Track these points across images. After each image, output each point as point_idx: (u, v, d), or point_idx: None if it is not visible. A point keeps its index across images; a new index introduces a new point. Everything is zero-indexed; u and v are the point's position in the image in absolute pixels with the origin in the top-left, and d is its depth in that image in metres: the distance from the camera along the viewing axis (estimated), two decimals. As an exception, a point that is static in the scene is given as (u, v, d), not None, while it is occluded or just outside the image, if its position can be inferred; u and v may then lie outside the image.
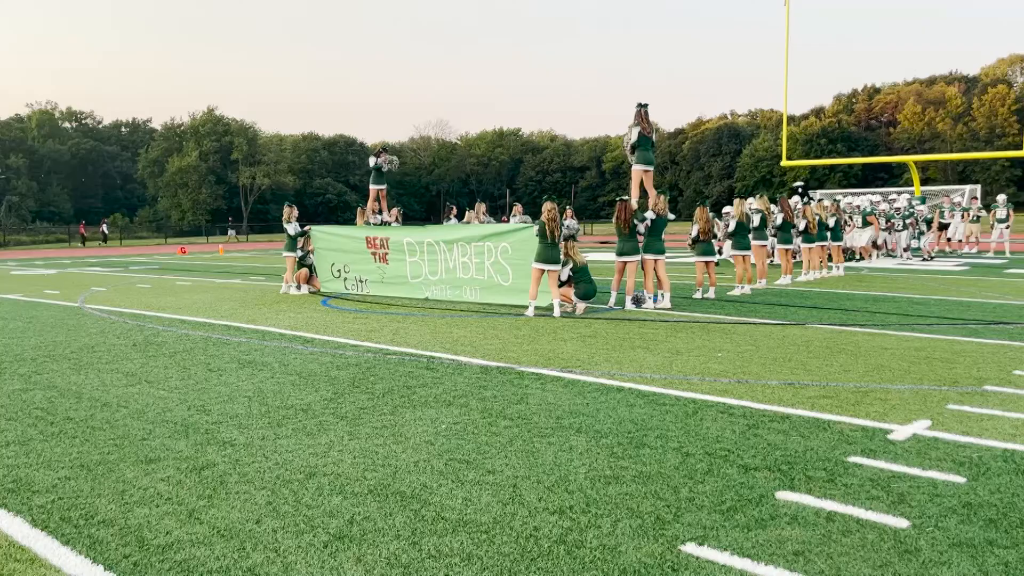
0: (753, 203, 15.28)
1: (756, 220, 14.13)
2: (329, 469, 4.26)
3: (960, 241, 25.13)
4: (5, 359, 7.79)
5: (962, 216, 24.99)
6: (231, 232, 60.41)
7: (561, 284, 11.01)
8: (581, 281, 10.90)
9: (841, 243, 17.38)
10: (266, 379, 6.64)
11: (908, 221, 22.21)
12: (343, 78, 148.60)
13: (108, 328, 9.92)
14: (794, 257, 16.71)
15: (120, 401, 5.92)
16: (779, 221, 15.35)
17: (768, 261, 16.15)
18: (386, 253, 13.56)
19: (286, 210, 14.75)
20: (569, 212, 18.08)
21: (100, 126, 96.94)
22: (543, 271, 10.67)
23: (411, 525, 3.49)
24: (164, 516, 3.63)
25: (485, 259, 12.12)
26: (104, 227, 57.32)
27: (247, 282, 17.62)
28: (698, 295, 12.54)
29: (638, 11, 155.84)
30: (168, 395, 6.10)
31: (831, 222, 16.49)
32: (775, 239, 16.04)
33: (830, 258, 16.88)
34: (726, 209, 17.95)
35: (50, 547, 3.34)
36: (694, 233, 12.76)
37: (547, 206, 10.73)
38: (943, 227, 25.56)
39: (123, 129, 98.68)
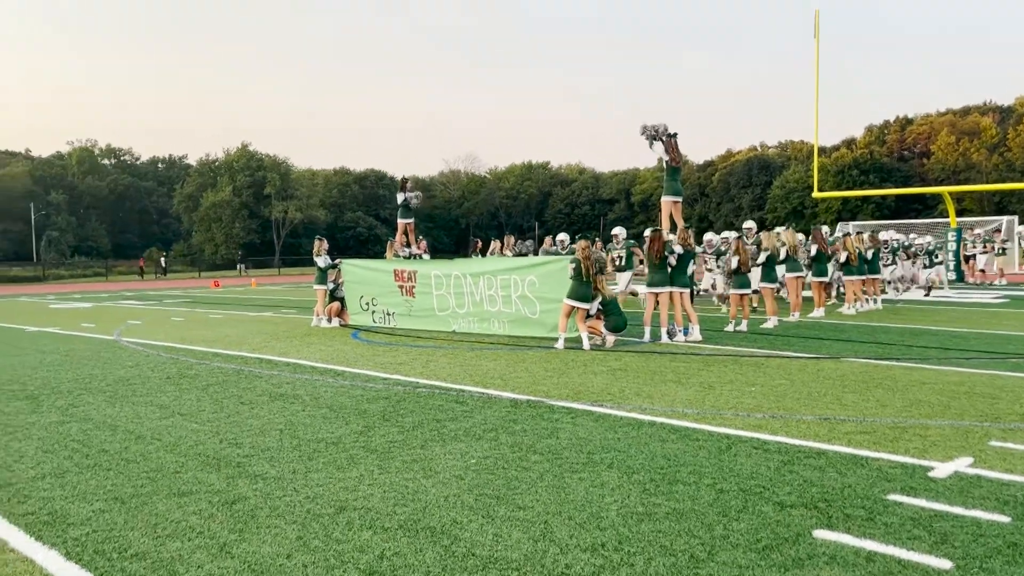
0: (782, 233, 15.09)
1: (783, 253, 13.98)
2: (359, 503, 4.24)
3: (983, 272, 25.15)
4: (43, 392, 7.92)
5: (983, 248, 24.88)
6: (240, 266, 61.79)
7: (589, 317, 10.97)
8: (611, 314, 10.85)
9: (879, 275, 17.12)
10: (297, 412, 6.67)
11: (899, 255, 21.63)
12: (374, 112, 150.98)
13: (143, 361, 10.05)
14: (826, 289, 16.44)
15: (154, 434, 5.97)
16: (813, 252, 15.20)
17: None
18: (413, 286, 13.62)
19: (316, 243, 14.92)
20: (599, 244, 18.09)
21: (138, 162, 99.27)
22: (573, 308, 10.65)
23: (441, 562, 3.46)
24: (196, 550, 3.64)
25: (512, 292, 12.13)
26: (163, 260, 60.35)
27: (279, 315, 17.79)
28: (730, 328, 12.41)
29: (666, 43, 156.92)
30: (201, 428, 6.14)
31: (869, 255, 16.28)
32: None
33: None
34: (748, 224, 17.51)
35: (84, 580, 3.36)
36: (734, 265, 12.65)
37: (582, 244, 10.74)
38: (967, 259, 25.70)
39: (159, 165, 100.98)
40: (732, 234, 15.83)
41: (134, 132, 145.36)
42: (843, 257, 15.50)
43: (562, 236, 17.34)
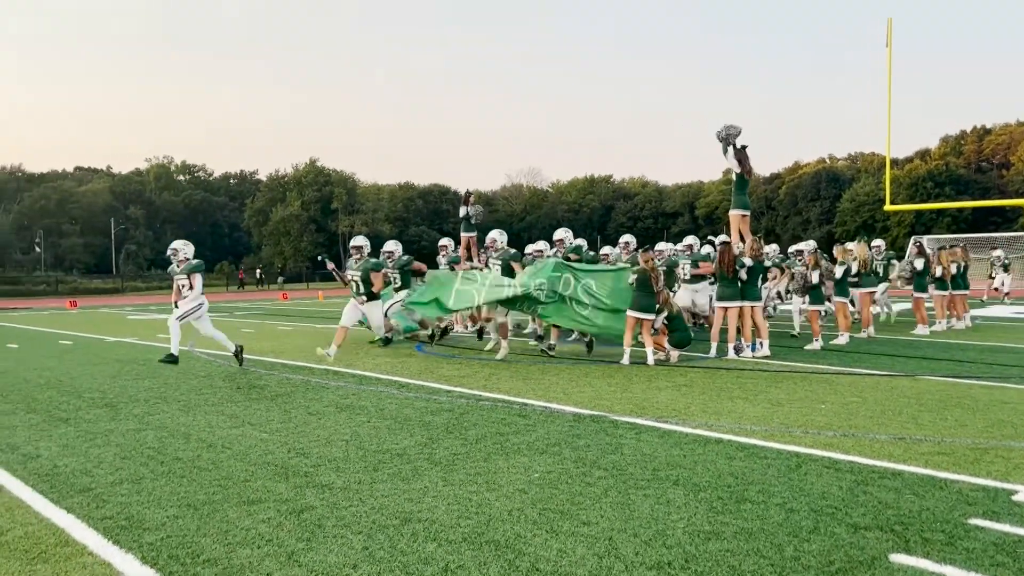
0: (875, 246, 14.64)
1: (853, 268, 13.54)
2: (424, 515, 4.27)
3: (997, 290, 25.01)
4: (121, 400, 8.20)
5: (1005, 269, 25.04)
6: (280, 279, 63.51)
7: (655, 332, 10.83)
8: (676, 329, 10.70)
9: (968, 292, 16.50)
10: (363, 423, 6.76)
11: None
12: (438, 128, 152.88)
13: (214, 371, 10.33)
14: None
15: (225, 442, 6.12)
16: (920, 267, 14.73)
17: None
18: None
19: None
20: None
21: (211, 178, 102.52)
22: (638, 320, 10.53)
23: (505, 576, 3.45)
24: (265, 558, 3.71)
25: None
26: (259, 272, 64.25)
27: (345, 327, 18.05)
28: (817, 345, 11.94)
29: (731, 53, 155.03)
30: (270, 437, 6.27)
31: (958, 269, 15.68)
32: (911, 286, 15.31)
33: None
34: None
35: (158, 584, 3.45)
36: (815, 280, 12.35)
37: (648, 254, 10.64)
38: (992, 277, 26.10)
39: (231, 181, 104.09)
40: (808, 245, 15.43)
41: (207, 148, 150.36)
42: (938, 272, 14.98)
43: (541, 246, 14.21)
